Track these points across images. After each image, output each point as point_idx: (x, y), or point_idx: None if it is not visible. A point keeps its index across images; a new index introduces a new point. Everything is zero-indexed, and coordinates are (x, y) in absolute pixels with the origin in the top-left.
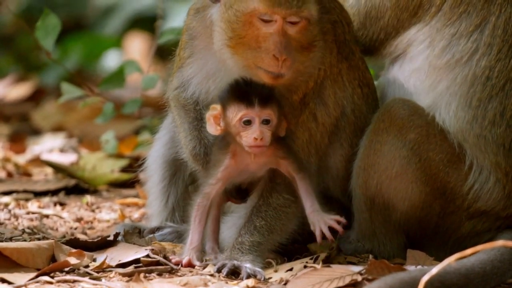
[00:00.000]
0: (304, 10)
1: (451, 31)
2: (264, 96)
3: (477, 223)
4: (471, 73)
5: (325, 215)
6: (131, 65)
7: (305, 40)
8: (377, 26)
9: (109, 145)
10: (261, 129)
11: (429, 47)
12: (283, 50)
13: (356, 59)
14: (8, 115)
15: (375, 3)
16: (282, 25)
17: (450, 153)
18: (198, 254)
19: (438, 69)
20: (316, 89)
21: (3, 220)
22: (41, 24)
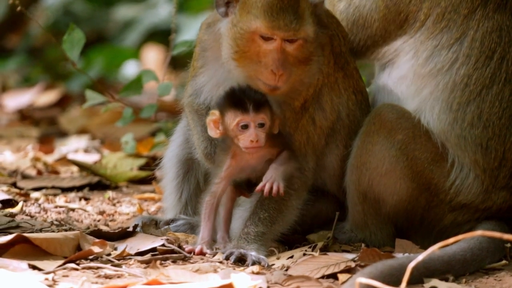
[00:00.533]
0: (301, 32)
1: (434, 43)
2: (258, 102)
3: (458, 215)
4: (452, 81)
5: (279, 178)
6: (148, 74)
7: (302, 56)
8: (364, 34)
9: (129, 146)
10: (256, 132)
11: (414, 57)
12: (280, 66)
13: (350, 68)
14: (38, 119)
15: (363, 13)
16: (280, 43)
17: (434, 152)
18: (208, 246)
19: (422, 76)
20: (315, 96)
21: (34, 213)
22: (67, 38)
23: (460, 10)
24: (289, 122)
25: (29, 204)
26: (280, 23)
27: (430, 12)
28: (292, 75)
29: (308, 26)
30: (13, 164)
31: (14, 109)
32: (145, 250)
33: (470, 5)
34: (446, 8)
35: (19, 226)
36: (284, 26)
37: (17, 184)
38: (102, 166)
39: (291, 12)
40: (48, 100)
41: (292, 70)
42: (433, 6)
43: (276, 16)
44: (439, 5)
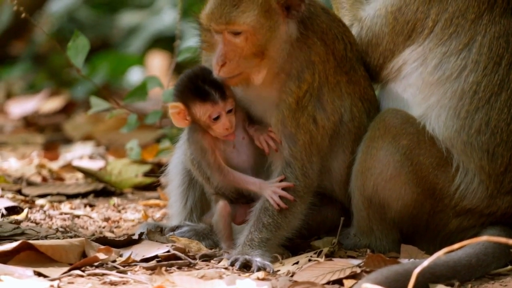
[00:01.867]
0: (236, 24)
1: (443, 50)
2: (222, 90)
3: (463, 220)
4: (460, 88)
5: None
6: (153, 80)
7: (254, 48)
8: (377, 52)
9: (133, 152)
10: (228, 118)
11: (422, 64)
12: (222, 57)
13: (357, 76)
14: (43, 126)
15: (375, 31)
16: (225, 35)
17: (439, 157)
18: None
19: (430, 84)
20: (314, 94)
21: (39, 220)
22: (72, 44)
23: (467, 15)
24: (289, 120)
25: (34, 211)
26: (213, 15)
27: (438, 18)
28: (239, 67)
29: (250, 19)
30: (18, 171)
31: (19, 116)
32: (150, 257)
33: (477, 9)
34: (454, 13)
35: (24, 233)
36: (217, 18)
37: (22, 191)
38: (107, 173)
39: (229, 5)
40: (53, 107)
41: (239, 62)
42: (441, 11)
43: (213, 8)
44: (446, 11)
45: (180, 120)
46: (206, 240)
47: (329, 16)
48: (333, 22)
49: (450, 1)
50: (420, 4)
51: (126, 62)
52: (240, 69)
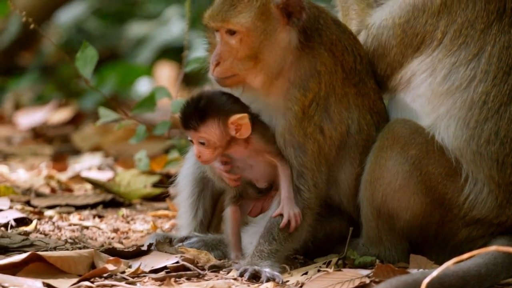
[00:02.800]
0: (230, 23)
1: (452, 60)
2: (197, 120)
3: (473, 230)
4: (470, 98)
5: (295, 207)
6: (161, 91)
7: (248, 50)
8: (384, 63)
9: (142, 163)
10: (199, 149)
11: (431, 75)
12: (217, 56)
13: (367, 88)
14: (51, 137)
15: (381, 41)
16: (222, 35)
17: (448, 167)
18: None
19: (439, 95)
20: (321, 104)
21: (48, 231)
22: (81, 55)
23: (477, 26)
24: (296, 129)
25: (43, 222)
26: (213, 13)
27: (447, 30)
28: (232, 68)
29: (244, 20)
30: (26, 182)
31: (27, 127)
32: (159, 268)
33: (486, 20)
34: (463, 24)
35: (33, 244)
36: (215, 15)
37: (31, 202)
38: (116, 184)
39: (228, 4)
40: (61, 118)
41: (233, 64)
42: (450, 23)
43: (214, 7)
44: (455, 22)
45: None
46: (215, 250)
47: (340, 28)
48: (343, 34)
49: (459, 12)
50: (429, 17)
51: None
52: (233, 71)
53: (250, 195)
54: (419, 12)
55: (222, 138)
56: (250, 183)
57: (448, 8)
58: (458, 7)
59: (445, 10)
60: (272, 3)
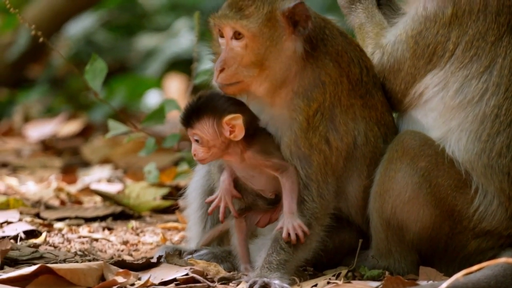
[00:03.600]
0: (236, 24)
1: (464, 73)
2: (191, 117)
3: (482, 241)
4: (482, 112)
5: (297, 220)
6: (171, 103)
7: (253, 56)
8: (399, 78)
9: (151, 176)
10: (194, 146)
11: (443, 89)
12: (221, 62)
13: (374, 100)
14: (61, 150)
15: (397, 56)
16: (228, 40)
17: (457, 179)
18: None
19: (451, 108)
20: (326, 114)
21: (58, 243)
22: (90, 68)
23: (487, 38)
24: (301, 140)
25: (53, 235)
26: (221, 13)
27: (458, 41)
28: (237, 75)
29: (252, 25)
30: (36, 194)
31: (37, 139)
32: (169, 280)
33: (497, 32)
34: (474, 36)
35: (43, 256)
36: (222, 16)
37: (40, 215)
38: (125, 196)
39: (236, 7)
40: (70, 130)
41: (237, 70)
42: (461, 34)
43: (223, 8)
44: (466, 33)
45: None
46: (224, 263)
47: (346, 39)
48: (349, 45)
49: (470, 23)
50: (440, 28)
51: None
52: (238, 77)
53: (260, 207)
54: (431, 23)
55: (216, 137)
56: (259, 195)
57: (459, 20)
58: (469, 19)
59: (456, 22)
60: (278, 11)
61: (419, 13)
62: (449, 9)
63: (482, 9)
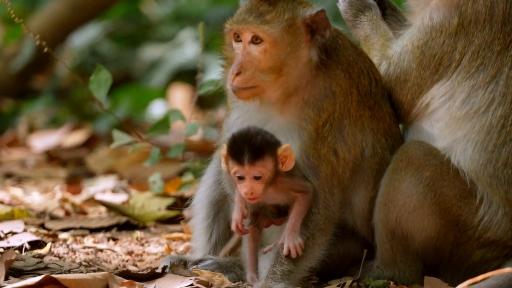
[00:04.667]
0: (259, 29)
1: (471, 83)
2: (255, 153)
3: (487, 251)
4: (488, 123)
5: (298, 238)
6: (175, 113)
7: (271, 62)
8: (405, 89)
9: (156, 186)
10: (251, 184)
11: (450, 99)
12: (238, 66)
13: (382, 112)
14: (65, 160)
15: (403, 67)
16: (245, 44)
17: (462, 189)
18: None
19: (457, 119)
20: (335, 125)
21: (62, 254)
22: (94, 78)
23: (493, 47)
24: (310, 151)
25: (58, 245)
26: (239, 18)
27: (465, 51)
28: (254, 79)
29: (273, 30)
30: (41, 205)
31: (41, 150)
32: None
33: (503, 41)
34: (480, 45)
35: (48, 267)
36: (242, 20)
37: (45, 225)
38: (130, 206)
39: (256, 12)
40: (75, 141)
41: (254, 75)
42: (468, 44)
43: (243, 12)
44: (473, 43)
45: (224, 164)
46: (229, 273)
47: (357, 50)
48: (359, 56)
49: (476, 33)
50: (446, 38)
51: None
52: (254, 82)
53: (267, 215)
54: (437, 33)
55: (274, 171)
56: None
57: (465, 29)
58: (475, 28)
59: (462, 31)
60: (299, 18)
61: (425, 24)
62: (455, 19)
63: (488, 18)
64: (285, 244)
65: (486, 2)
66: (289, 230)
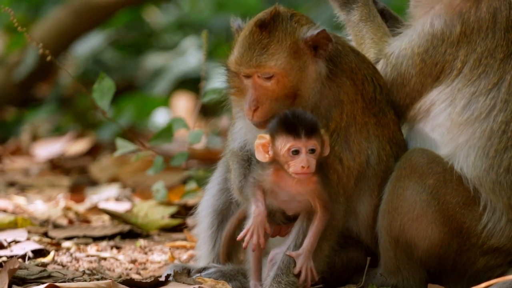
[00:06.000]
0: (266, 67)
1: (471, 90)
2: (310, 128)
3: (490, 258)
4: (489, 128)
5: (312, 263)
6: (178, 122)
7: (284, 91)
8: (403, 93)
9: (160, 194)
10: (308, 158)
11: (450, 105)
12: (254, 101)
13: (387, 119)
14: (69, 168)
15: (400, 71)
16: (255, 79)
17: (466, 196)
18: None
19: (459, 125)
20: (342, 134)
21: (66, 262)
22: (98, 86)
23: (496, 55)
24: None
25: (61, 254)
26: (243, 59)
27: (467, 59)
28: (272, 110)
29: (280, 61)
30: (44, 213)
31: (45, 158)
32: None
33: (506, 49)
34: (482, 53)
35: (51, 275)
36: (245, 62)
37: (48, 234)
38: (133, 215)
39: (258, 48)
40: (78, 149)
41: (272, 105)
42: (470, 52)
43: (242, 52)
44: (475, 51)
45: (262, 153)
46: (233, 281)
47: (359, 57)
48: (362, 63)
49: (479, 41)
50: (448, 46)
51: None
52: (273, 112)
53: (275, 220)
54: (438, 41)
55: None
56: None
57: (467, 38)
58: (478, 36)
59: (464, 40)
60: (301, 40)
61: (425, 30)
62: (458, 28)
63: (491, 26)
64: (298, 263)
65: (489, 9)
66: (306, 249)
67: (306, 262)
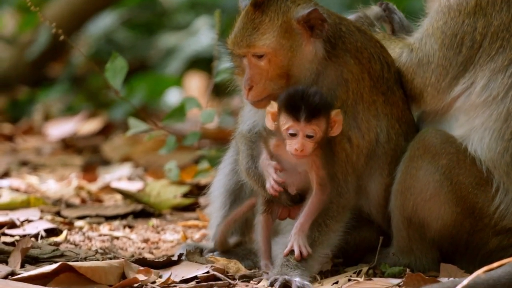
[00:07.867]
0: (256, 47)
1: (492, 66)
2: (311, 112)
3: (503, 239)
4: (505, 110)
5: (304, 239)
6: (191, 101)
7: (278, 69)
8: (429, 71)
9: (172, 174)
10: (303, 141)
11: (471, 85)
12: (249, 81)
13: (395, 98)
14: (81, 148)
15: (425, 50)
16: (250, 59)
17: (479, 177)
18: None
19: (475, 107)
20: (349, 112)
21: (78, 242)
22: (110, 66)
23: (511, 29)
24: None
25: (73, 233)
26: (236, 40)
27: (485, 32)
28: (266, 90)
29: (269, 41)
30: (57, 193)
31: (57, 137)
32: (189, 278)
33: None
34: (499, 27)
35: (64, 255)
36: (239, 42)
37: (61, 213)
38: (146, 194)
39: (250, 28)
40: (91, 129)
41: (266, 85)
42: (487, 25)
43: (236, 33)
44: (492, 24)
45: (270, 121)
46: (245, 260)
47: (365, 35)
48: (369, 41)
49: (494, 14)
50: (465, 17)
51: (164, 83)
52: (267, 92)
53: (282, 202)
54: (455, 13)
55: (325, 132)
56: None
57: (483, 10)
58: (493, 9)
59: (480, 12)
60: (293, 20)
61: (442, 5)
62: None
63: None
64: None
65: None
66: (296, 229)
67: (297, 240)
